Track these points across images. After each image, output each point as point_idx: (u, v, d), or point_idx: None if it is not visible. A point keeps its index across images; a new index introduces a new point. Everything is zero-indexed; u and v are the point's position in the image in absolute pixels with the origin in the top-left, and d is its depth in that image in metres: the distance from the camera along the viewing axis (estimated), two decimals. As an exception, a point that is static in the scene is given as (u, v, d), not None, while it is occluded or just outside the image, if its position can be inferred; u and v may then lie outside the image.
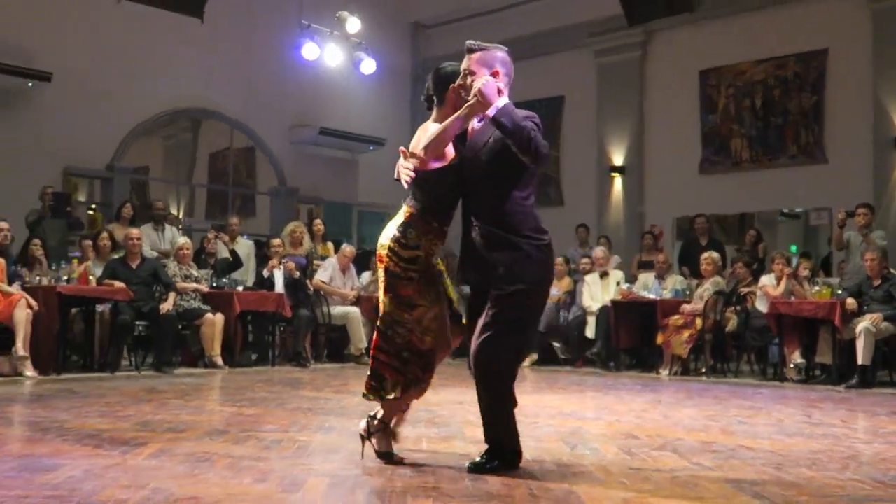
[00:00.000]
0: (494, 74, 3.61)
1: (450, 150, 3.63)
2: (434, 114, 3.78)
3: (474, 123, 3.69)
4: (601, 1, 11.85)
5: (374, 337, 3.66)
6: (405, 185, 3.66)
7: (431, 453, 3.99)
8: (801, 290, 8.49)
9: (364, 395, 3.70)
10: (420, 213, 3.62)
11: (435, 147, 3.55)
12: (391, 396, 3.62)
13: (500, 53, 3.72)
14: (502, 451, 3.59)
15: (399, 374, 3.60)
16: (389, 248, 3.61)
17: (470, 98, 3.51)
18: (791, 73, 11.71)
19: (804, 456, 4.07)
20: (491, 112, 3.45)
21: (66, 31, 11.16)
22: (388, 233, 3.65)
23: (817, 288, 8.34)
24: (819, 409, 6.11)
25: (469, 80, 3.58)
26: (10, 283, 7.86)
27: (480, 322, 3.55)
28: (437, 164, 3.60)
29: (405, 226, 3.61)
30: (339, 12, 11.84)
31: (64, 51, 11.03)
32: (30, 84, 10.84)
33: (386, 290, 3.65)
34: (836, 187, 10.85)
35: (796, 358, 8.22)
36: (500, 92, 3.53)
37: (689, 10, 6.47)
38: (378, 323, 3.67)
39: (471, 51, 3.68)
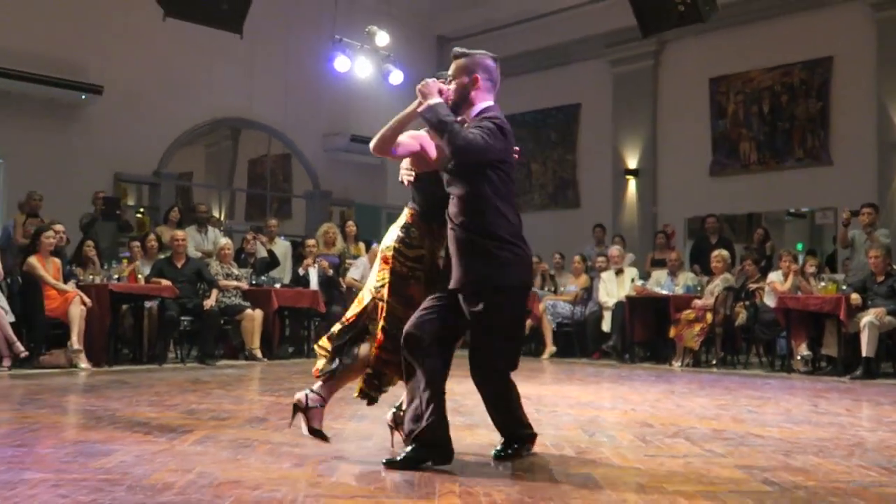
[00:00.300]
0: (474, 80, 3.50)
1: (433, 153, 3.54)
2: None
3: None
4: (616, 13, 11.76)
5: (379, 337, 3.48)
6: (406, 186, 3.62)
7: (456, 441, 3.97)
8: (808, 285, 8.40)
9: (362, 394, 3.66)
10: (420, 214, 3.55)
11: (380, 141, 3.49)
12: (388, 388, 3.65)
13: (484, 60, 3.59)
14: (517, 438, 3.58)
15: (400, 368, 3.52)
16: (395, 249, 3.49)
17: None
18: (797, 79, 11.59)
19: (811, 443, 4.02)
20: (420, 109, 3.38)
21: (117, 48, 11.27)
22: (392, 235, 3.55)
23: (823, 284, 8.24)
24: (825, 398, 6.04)
25: (449, 83, 3.54)
26: (65, 282, 7.93)
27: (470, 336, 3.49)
28: (422, 166, 3.55)
29: (408, 227, 3.53)
30: (368, 27, 11.84)
31: (114, 66, 11.14)
32: (83, 97, 10.96)
33: (391, 292, 3.47)
34: (841, 188, 10.72)
35: (803, 350, 8.14)
36: (441, 92, 3.45)
37: (700, 21, 6.40)
38: (382, 324, 3.48)
39: (456, 57, 3.62)
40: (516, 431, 3.59)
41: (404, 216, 3.59)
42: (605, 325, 9.74)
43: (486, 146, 3.31)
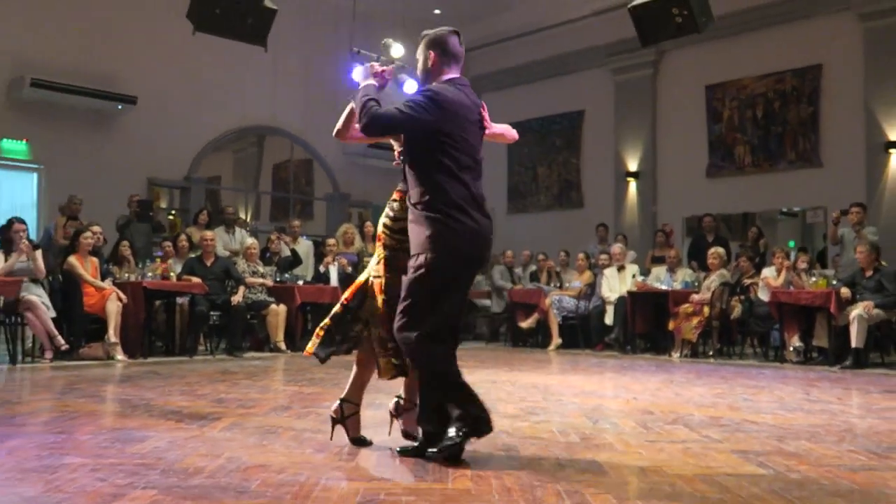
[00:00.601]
0: (429, 56, 3.42)
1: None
2: None
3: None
4: (617, 25, 11.71)
5: (383, 311, 3.31)
6: (396, 166, 3.47)
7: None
8: (800, 280, 8.34)
9: (394, 368, 3.34)
10: (406, 191, 3.41)
11: (338, 128, 3.54)
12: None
13: (440, 36, 3.45)
14: (433, 437, 3.19)
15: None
16: (384, 225, 3.43)
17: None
18: (789, 86, 11.51)
19: (804, 430, 3.99)
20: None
21: (150, 61, 11.33)
22: (382, 215, 3.49)
23: (814, 279, 8.18)
24: (817, 387, 6.00)
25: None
26: (102, 280, 7.98)
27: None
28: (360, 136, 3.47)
29: (393, 202, 3.45)
30: (384, 40, 11.87)
31: (148, 77, 11.20)
32: (119, 106, 11.03)
33: (388, 269, 3.35)
34: (831, 188, 10.65)
35: (795, 342, 8.09)
36: (377, 74, 3.42)
37: (696, 31, 6.37)
38: (383, 297, 3.32)
39: (421, 39, 3.55)
40: (435, 430, 3.19)
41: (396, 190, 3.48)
42: (608, 319, 9.71)
43: (402, 119, 3.16)
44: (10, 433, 3.63)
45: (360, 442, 3.44)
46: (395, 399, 3.58)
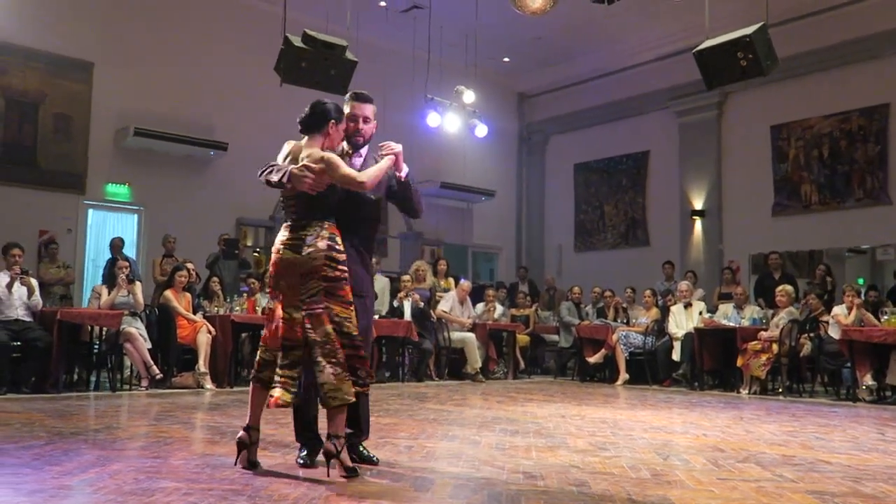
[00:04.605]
0: (375, 126, 3.87)
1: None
2: (308, 140, 3.62)
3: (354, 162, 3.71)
4: (681, 69, 11.60)
5: (336, 344, 3.33)
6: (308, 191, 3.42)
7: (538, 461, 3.91)
8: (871, 318, 7.98)
9: (339, 399, 3.29)
10: (332, 223, 3.47)
11: (373, 178, 3.50)
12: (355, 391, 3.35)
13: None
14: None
15: (365, 359, 3.40)
16: (327, 257, 3.37)
17: (384, 152, 3.67)
18: (855, 125, 11.17)
19: (881, 471, 3.78)
20: (403, 174, 3.75)
21: (240, 110, 11.73)
22: (316, 247, 3.38)
23: (886, 317, 7.81)
24: (892, 427, 5.69)
25: (364, 125, 3.76)
26: (194, 313, 8.20)
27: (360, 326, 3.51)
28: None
29: (333, 236, 3.44)
30: (457, 87, 12.01)
31: (238, 125, 11.58)
32: (211, 153, 11.44)
33: (329, 298, 3.36)
34: (901, 226, 10.23)
35: (868, 380, 7.72)
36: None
37: (762, 75, 6.24)
38: (331, 329, 3.34)
39: (367, 100, 3.81)
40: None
41: (322, 229, 3.42)
42: (675, 355, 9.46)
43: None
44: (111, 457, 3.73)
45: (255, 465, 3.47)
46: (331, 440, 3.33)
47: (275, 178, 3.48)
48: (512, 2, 6.76)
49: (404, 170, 3.71)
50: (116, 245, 9.74)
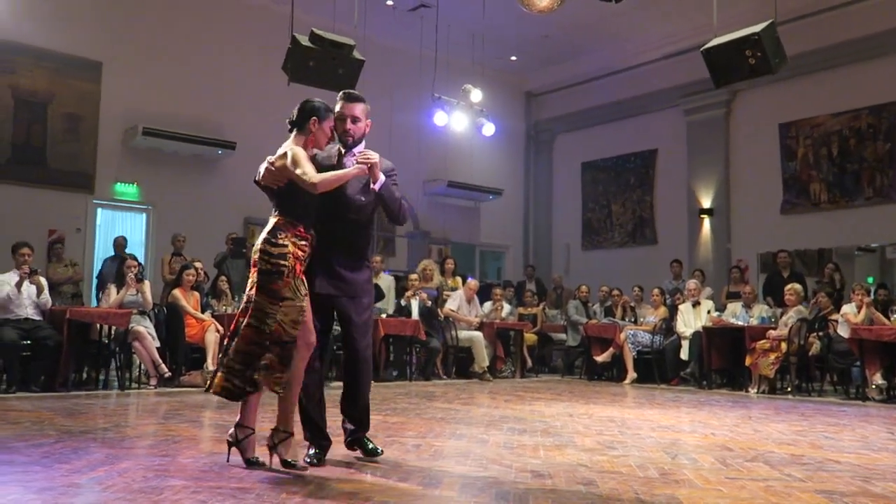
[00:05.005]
0: (368, 125, 3.82)
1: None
2: (293, 138, 3.67)
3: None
4: (689, 67, 11.58)
5: (246, 334, 3.40)
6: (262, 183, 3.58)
7: (547, 459, 3.91)
8: (881, 317, 7.94)
9: (224, 391, 3.41)
10: (287, 218, 3.49)
11: (328, 182, 3.47)
12: (253, 383, 3.40)
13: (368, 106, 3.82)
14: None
15: (261, 360, 3.39)
16: (261, 251, 3.44)
17: (360, 160, 3.60)
18: (865, 123, 11.11)
19: (890, 470, 3.77)
20: (377, 186, 3.64)
21: (247, 109, 11.74)
22: (259, 240, 3.50)
23: (895, 316, 7.77)
24: (902, 426, 5.67)
25: (351, 125, 3.73)
26: (202, 312, 8.23)
27: (356, 324, 3.67)
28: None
29: (275, 229, 3.46)
30: (464, 86, 12.01)
31: (245, 124, 11.59)
32: (219, 152, 11.46)
33: (258, 291, 3.43)
34: (911, 224, 10.17)
35: (878, 379, 7.68)
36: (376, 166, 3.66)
37: (770, 73, 6.21)
38: (251, 320, 3.41)
39: (356, 99, 3.78)
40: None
41: (270, 224, 3.49)
42: (684, 354, 9.43)
43: None
44: (120, 455, 3.75)
45: (254, 463, 3.46)
46: (234, 428, 3.54)
47: (258, 176, 3.62)
48: (519, 0, 6.75)
49: (380, 180, 3.65)
50: (120, 244, 9.78)
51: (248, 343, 3.41)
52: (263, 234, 3.50)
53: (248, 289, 3.54)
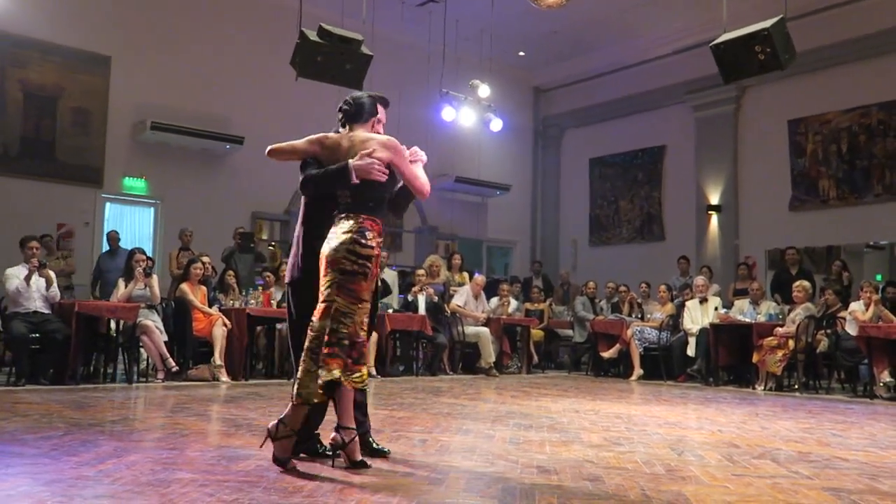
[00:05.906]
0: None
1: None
2: (353, 128, 3.81)
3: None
4: (698, 62, 11.55)
5: (326, 338, 3.31)
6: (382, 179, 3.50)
7: (553, 455, 3.91)
8: (889, 314, 7.91)
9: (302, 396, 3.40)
10: (372, 216, 3.44)
11: (418, 176, 3.66)
12: (328, 378, 3.33)
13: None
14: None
15: (340, 360, 3.33)
16: (348, 251, 3.33)
17: (412, 158, 3.77)
18: (875, 120, 11.05)
19: (898, 468, 3.75)
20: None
21: (256, 104, 11.78)
22: (340, 240, 3.37)
23: (904, 313, 7.75)
24: (910, 424, 5.64)
25: (379, 127, 3.89)
26: (210, 306, 8.25)
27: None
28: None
29: (363, 229, 3.39)
30: (472, 81, 12.00)
31: (254, 119, 11.63)
32: (227, 146, 11.49)
33: (339, 291, 3.32)
34: (921, 222, 10.12)
35: (886, 377, 7.65)
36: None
37: (779, 69, 6.19)
38: (329, 322, 3.31)
39: (387, 104, 3.97)
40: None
41: (352, 223, 3.40)
42: (690, 350, 9.42)
43: None
44: (128, 448, 3.77)
45: (283, 462, 3.33)
46: (277, 422, 3.44)
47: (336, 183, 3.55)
48: (528, -5, 6.74)
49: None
50: (113, 238, 9.81)
51: (331, 344, 3.32)
52: (345, 234, 3.37)
53: (323, 288, 3.38)
